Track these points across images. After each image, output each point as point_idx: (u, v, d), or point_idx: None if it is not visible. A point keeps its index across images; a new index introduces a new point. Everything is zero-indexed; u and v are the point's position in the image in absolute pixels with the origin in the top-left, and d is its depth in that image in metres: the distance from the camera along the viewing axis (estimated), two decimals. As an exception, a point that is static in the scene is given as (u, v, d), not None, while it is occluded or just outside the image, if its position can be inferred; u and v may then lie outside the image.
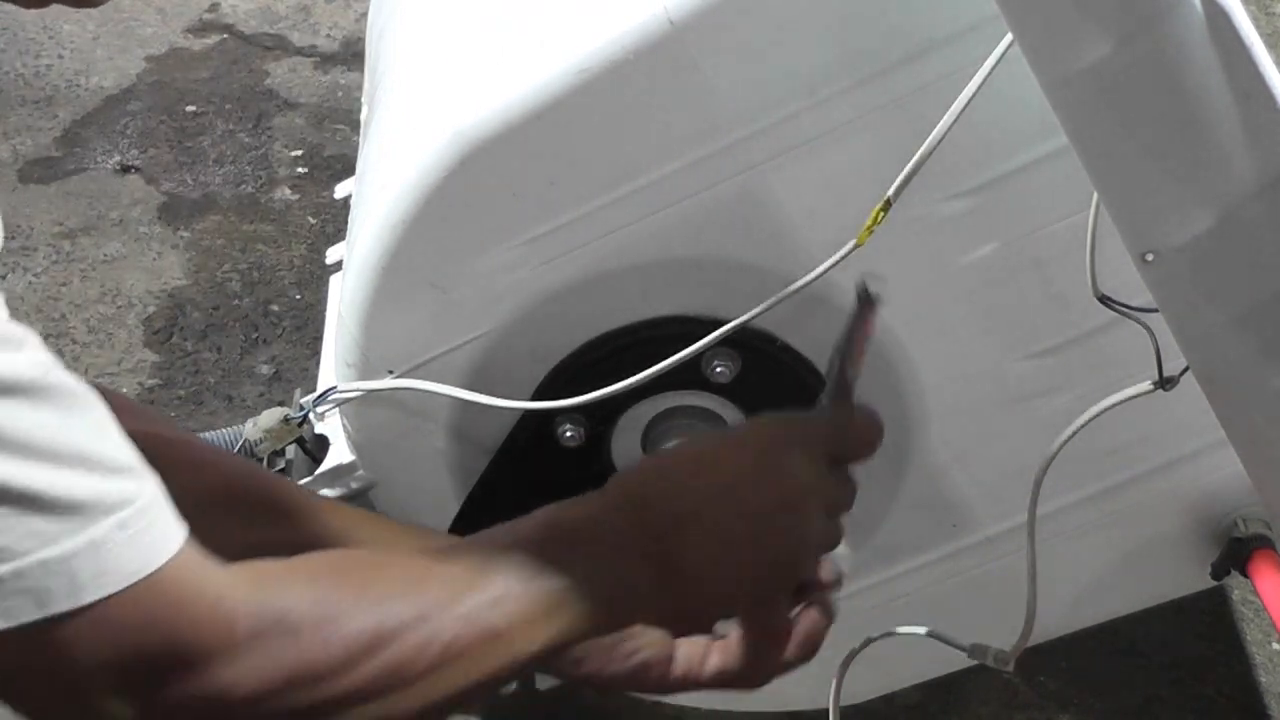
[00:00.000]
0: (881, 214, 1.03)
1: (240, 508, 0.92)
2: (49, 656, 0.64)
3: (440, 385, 1.19)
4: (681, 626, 0.86)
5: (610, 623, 0.82)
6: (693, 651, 0.87)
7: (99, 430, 0.65)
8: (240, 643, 0.68)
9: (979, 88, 0.99)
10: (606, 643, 0.84)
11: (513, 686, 1.73)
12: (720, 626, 0.87)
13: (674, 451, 0.88)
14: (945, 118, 1.00)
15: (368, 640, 0.71)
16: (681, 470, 0.85)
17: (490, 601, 0.75)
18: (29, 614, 0.62)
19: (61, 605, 0.62)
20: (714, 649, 0.88)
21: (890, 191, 1.02)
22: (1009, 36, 0.95)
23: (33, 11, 0.71)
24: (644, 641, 0.85)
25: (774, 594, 0.85)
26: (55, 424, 0.63)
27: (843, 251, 1.05)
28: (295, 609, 0.70)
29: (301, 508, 0.94)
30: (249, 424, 1.39)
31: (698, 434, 0.89)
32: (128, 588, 0.64)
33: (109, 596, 0.64)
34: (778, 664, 0.88)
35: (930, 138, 1.01)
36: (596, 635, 0.82)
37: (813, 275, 1.07)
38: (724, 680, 0.89)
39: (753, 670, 0.89)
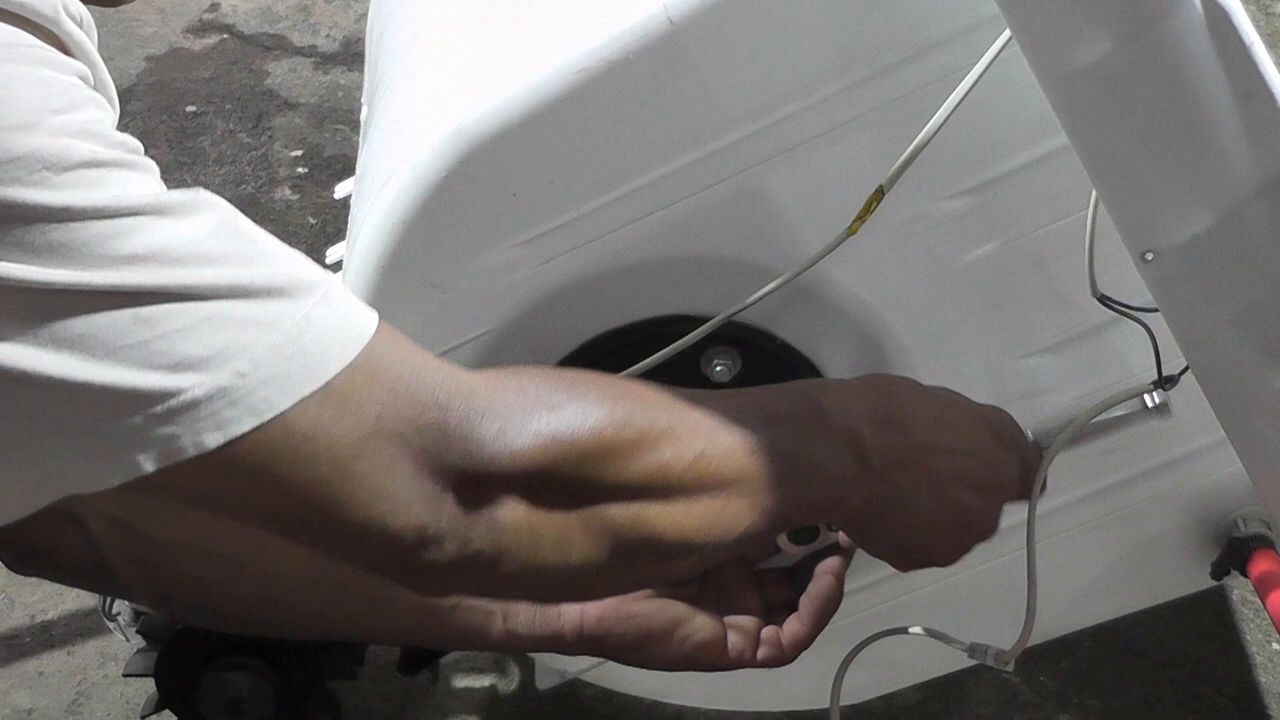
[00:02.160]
0: (875, 203, 1.03)
1: None
2: (307, 442, 0.61)
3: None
4: (861, 541, 0.89)
5: (820, 512, 0.84)
6: (743, 636, 0.89)
7: (262, 232, 0.64)
8: (486, 406, 0.66)
9: (977, 80, 0.99)
10: (665, 626, 0.85)
11: (513, 685, 1.73)
12: None
13: (925, 388, 0.89)
14: (941, 110, 1.00)
15: (625, 429, 0.70)
16: (933, 409, 0.87)
17: (742, 441, 0.75)
18: (282, 402, 0.60)
19: (302, 388, 0.60)
20: (765, 634, 0.91)
21: (884, 180, 1.02)
22: (1004, 35, 0.95)
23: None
24: (698, 624, 0.86)
25: (937, 559, 0.91)
26: (226, 229, 0.61)
27: (835, 240, 1.05)
28: (539, 388, 0.68)
29: None
30: None
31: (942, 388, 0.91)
32: (362, 353, 0.62)
33: (349, 365, 0.61)
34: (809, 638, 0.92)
35: (926, 128, 1.01)
36: (803, 520, 0.85)
37: (807, 264, 1.07)
38: (771, 663, 0.91)
39: (794, 652, 0.92)
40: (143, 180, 0.60)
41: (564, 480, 0.68)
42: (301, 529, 0.65)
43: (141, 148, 0.61)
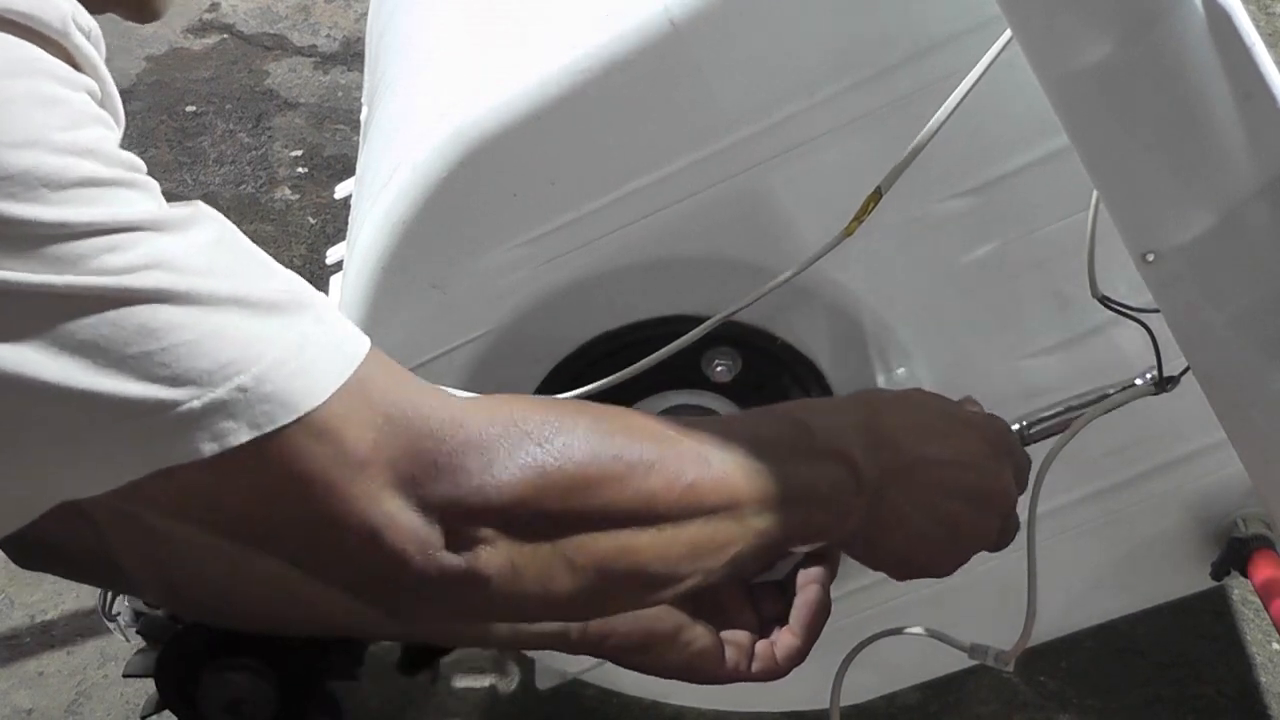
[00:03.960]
0: (872, 204, 1.03)
1: None
2: (301, 460, 0.61)
3: (438, 387, 1.19)
4: (858, 556, 0.89)
5: (815, 534, 0.83)
6: (738, 650, 0.90)
7: (258, 250, 0.64)
8: (480, 438, 0.66)
9: (975, 81, 0.99)
10: (667, 630, 0.85)
11: (513, 685, 1.73)
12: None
13: (923, 401, 0.90)
14: (939, 111, 1.00)
15: (614, 462, 0.70)
16: (923, 423, 0.87)
17: (734, 466, 0.75)
18: (281, 417, 0.60)
19: (301, 405, 0.60)
20: (759, 648, 0.91)
21: (882, 181, 1.02)
22: (1005, 35, 0.95)
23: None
24: (698, 633, 0.86)
25: (937, 572, 0.90)
26: (225, 245, 0.62)
27: (832, 240, 1.05)
28: (528, 419, 0.69)
29: None
30: None
31: (932, 394, 0.92)
32: (355, 374, 0.63)
33: (343, 386, 0.62)
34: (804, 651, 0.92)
35: (925, 129, 1.01)
36: (798, 543, 0.84)
37: (805, 264, 1.06)
38: (766, 676, 0.93)
39: (789, 664, 0.93)
40: (142, 198, 0.60)
41: (550, 513, 0.69)
42: (286, 548, 0.65)
43: (144, 166, 0.61)
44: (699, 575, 0.76)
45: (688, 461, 0.74)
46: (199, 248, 0.60)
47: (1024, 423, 1.00)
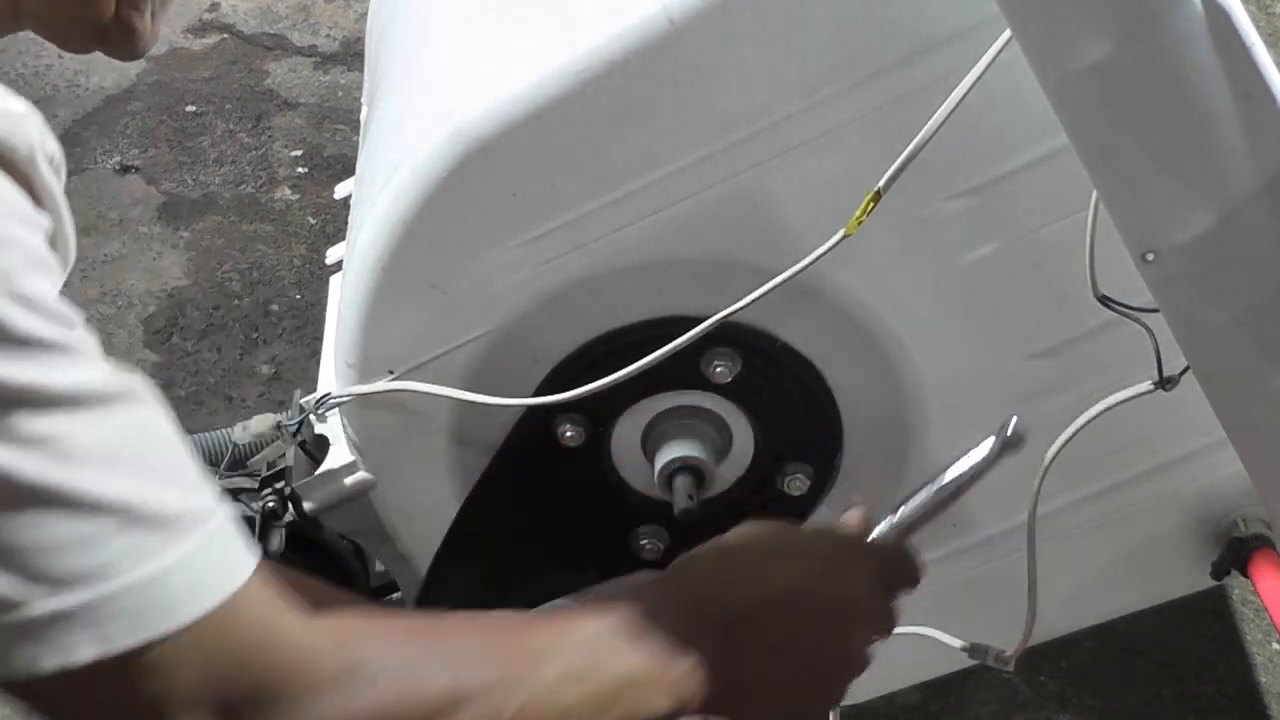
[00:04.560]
0: (872, 204, 1.03)
1: None
2: (136, 686, 0.60)
3: (438, 387, 1.19)
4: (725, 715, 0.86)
5: (668, 710, 0.82)
6: None
7: (175, 442, 0.63)
8: (324, 681, 0.66)
9: (975, 81, 0.99)
10: None
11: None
12: None
13: (739, 545, 0.88)
14: (939, 112, 1.00)
15: (442, 700, 0.70)
16: (749, 566, 0.86)
17: (560, 679, 0.76)
18: (127, 638, 0.59)
19: (159, 626, 0.59)
20: None
21: (880, 183, 1.02)
22: (1004, 35, 0.95)
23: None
24: None
25: (816, 707, 0.88)
26: (138, 434, 0.61)
27: (832, 241, 1.05)
28: (376, 660, 0.69)
29: None
30: (238, 428, 1.38)
31: (760, 525, 0.90)
32: (219, 606, 0.61)
33: (202, 617, 0.61)
34: None
35: (924, 130, 1.01)
36: None
37: (802, 265, 1.06)
38: None
39: None
40: (72, 364, 0.58)
41: None
42: None
43: (79, 320, 0.60)
44: None
45: (518, 687, 0.73)
46: (107, 435, 0.59)
47: (890, 521, 0.94)
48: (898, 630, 1.19)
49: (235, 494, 1.38)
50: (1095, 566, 1.31)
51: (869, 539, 0.92)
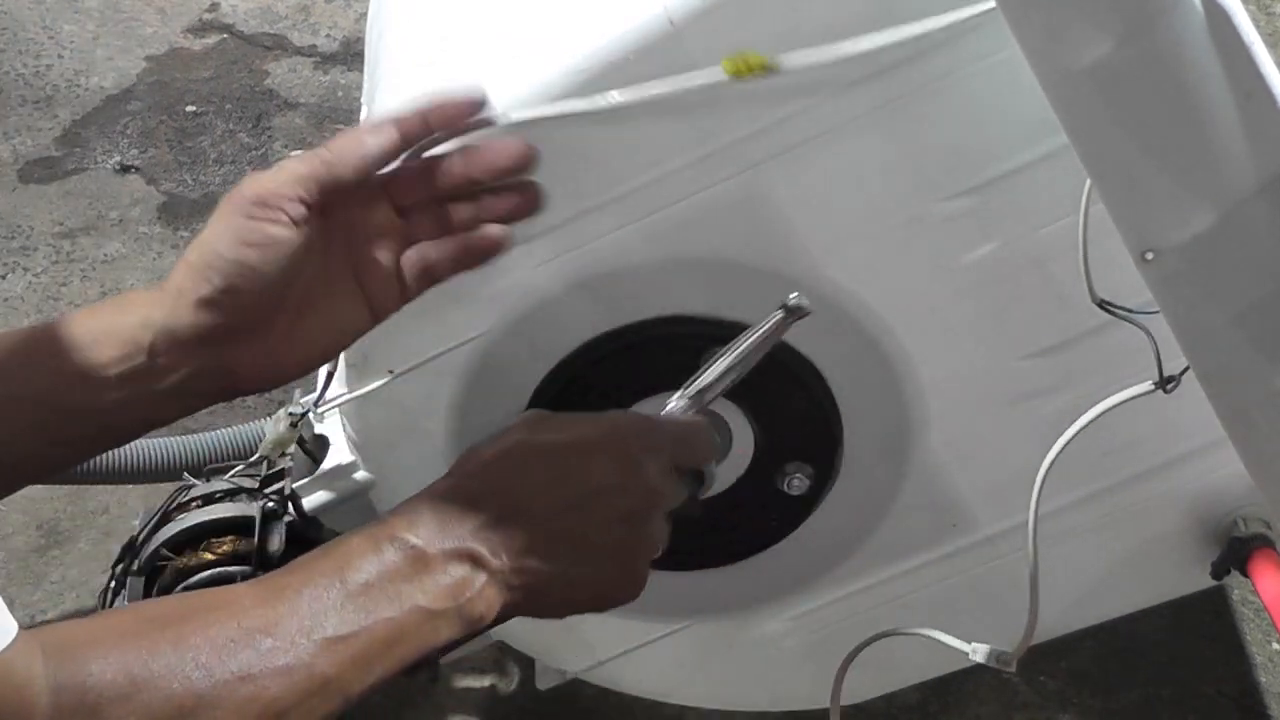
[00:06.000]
0: (762, 71, 0.99)
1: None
2: None
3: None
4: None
5: (461, 633, 0.82)
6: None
7: None
8: None
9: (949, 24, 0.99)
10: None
11: (513, 685, 1.73)
12: None
13: (515, 457, 0.87)
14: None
15: (179, 707, 0.68)
16: (544, 472, 0.86)
17: (316, 649, 0.74)
18: None
19: None
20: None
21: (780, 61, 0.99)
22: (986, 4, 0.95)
23: (33, 11, 0.70)
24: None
25: (620, 597, 0.87)
26: None
27: (711, 79, 1.00)
28: (98, 681, 0.67)
29: None
30: (269, 421, 1.39)
31: (534, 423, 0.90)
32: None
33: None
34: None
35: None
36: (435, 655, 0.82)
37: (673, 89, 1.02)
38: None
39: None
40: None
41: None
42: None
43: None
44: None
45: (269, 674, 0.71)
46: None
47: (681, 395, 0.96)
48: (897, 630, 1.20)
49: (235, 493, 1.38)
50: (1095, 566, 1.31)
51: (661, 414, 0.93)
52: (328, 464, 1.30)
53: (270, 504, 1.35)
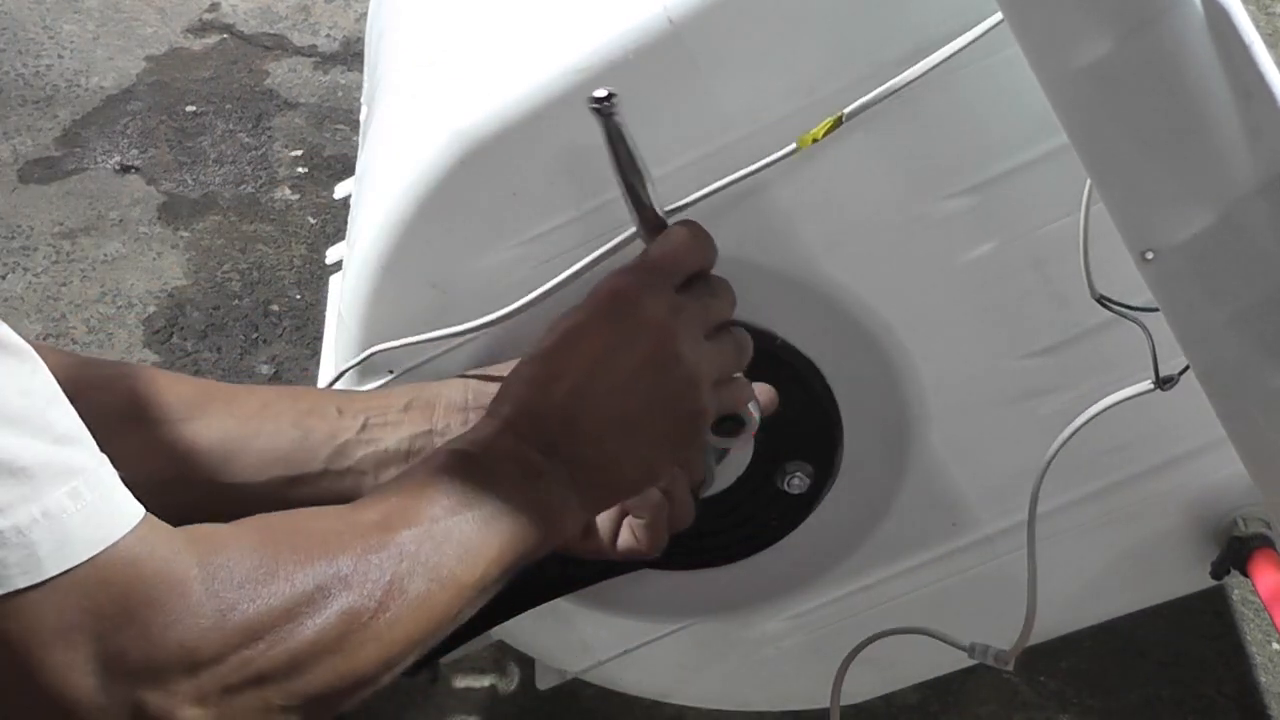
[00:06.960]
0: (832, 126, 1.02)
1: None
2: (2, 636, 0.61)
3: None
4: (610, 508, 0.94)
5: (543, 538, 0.84)
6: (605, 525, 0.96)
7: (43, 394, 0.63)
8: (194, 605, 0.66)
9: (968, 44, 0.99)
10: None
11: (513, 685, 1.73)
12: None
13: (540, 351, 0.92)
14: (928, 59, 1.00)
15: (314, 590, 0.70)
16: (552, 369, 0.89)
17: (425, 537, 0.76)
18: None
19: (18, 581, 0.60)
20: (624, 526, 0.98)
21: (847, 110, 1.02)
22: (995, 17, 0.95)
23: (33, 11, 0.71)
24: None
25: (683, 452, 0.92)
26: (16, 382, 0.61)
27: (783, 152, 1.04)
28: (240, 567, 0.69)
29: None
30: None
31: (569, 336, 0.93)
32: (86, 561, 0.62)
33: (67, 571, 0.61)
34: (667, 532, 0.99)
35: (907, 73, 1.00)
36: (534, 554, 0.84)
37: (750, 170, 1.06)
38: (630, 554, 0.99)
39: (653, 543, 0.99)
40: None
41: (246, 660, 0.68)
42: None
43: None
44: (428, 644, 0.78)
45: (382, 557, 0.74)
46: None
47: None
48: (897, 630, 1.20)
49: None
50: (1095, 566, 1.31)
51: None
52: (328, 464, 1.30)
53: (270, 504, 1.35)
